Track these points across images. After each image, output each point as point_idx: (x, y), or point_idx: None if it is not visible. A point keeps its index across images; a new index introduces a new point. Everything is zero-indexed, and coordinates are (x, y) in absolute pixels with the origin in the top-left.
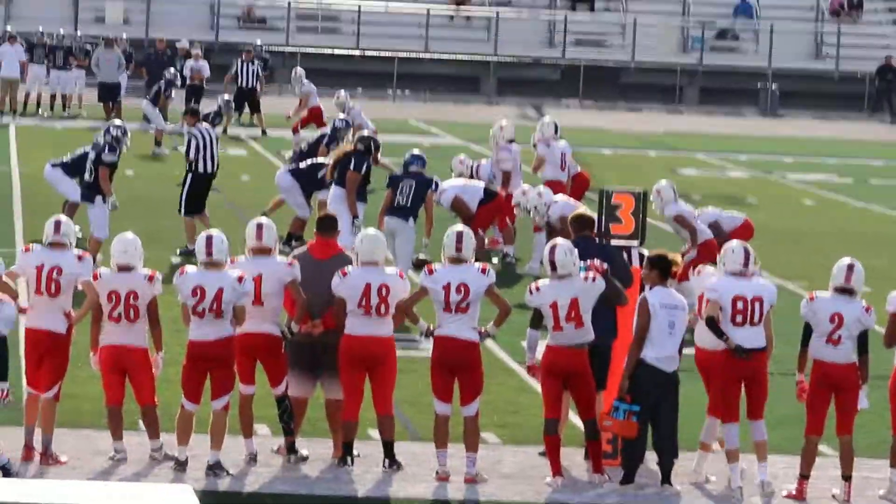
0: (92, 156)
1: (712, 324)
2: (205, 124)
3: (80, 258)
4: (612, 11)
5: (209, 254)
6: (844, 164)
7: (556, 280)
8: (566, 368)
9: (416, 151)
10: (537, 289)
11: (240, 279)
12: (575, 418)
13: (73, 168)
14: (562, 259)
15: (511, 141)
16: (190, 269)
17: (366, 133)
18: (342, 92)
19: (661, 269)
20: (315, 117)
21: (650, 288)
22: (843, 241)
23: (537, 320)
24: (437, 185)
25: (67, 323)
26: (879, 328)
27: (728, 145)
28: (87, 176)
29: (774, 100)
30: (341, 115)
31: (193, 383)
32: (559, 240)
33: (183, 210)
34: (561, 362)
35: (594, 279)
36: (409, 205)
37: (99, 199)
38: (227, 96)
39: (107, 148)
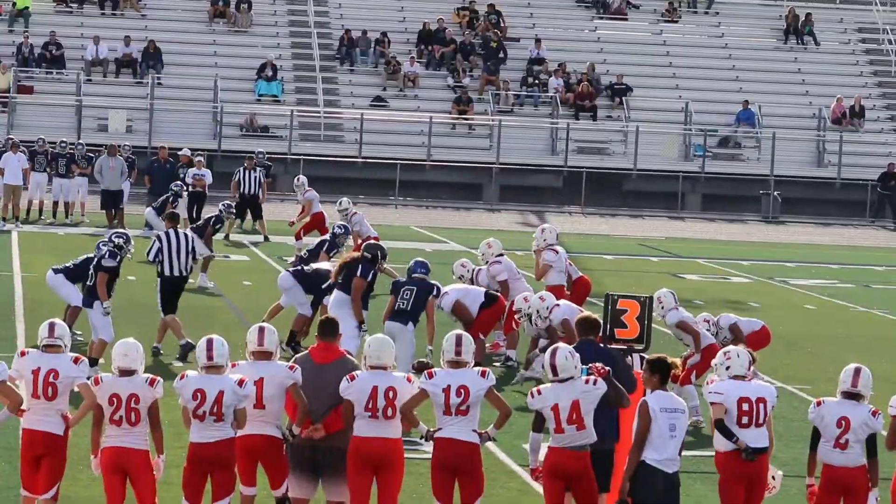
0: (95, 262)
1: (722, 426)
2: (185, 230)
3: (75, 361)
4: (614, 120)
5: (210, 357)
6: (846, 269)
7: (557, 383)
8: (569, 471)
9: (420, 259)
10: (539, 392)
11: (240, 383)
12: None
13: (76, 274)
14: (563, 363)
15: (501, 255)
16: (191, 373)
17: (373, 241)
18: (345, 199)
19: (662, 373)
20: (318, 224)
21: (651, 391)
22: (845, 345)
23: (539, 423)
24: (438, 290)
25: (65, 425)
26: (884, 431)
27: (730, 251)
28: (89, 281)
29: (776, 206)
30: (341, 222)
31: (194, 486)
32: (560, 344)
33: (161, 311)
34: (563, 465)
35: (595, 382)
36: (409, 309)
37: (98, 303)
38: (227, 201)
39: (108, 254)
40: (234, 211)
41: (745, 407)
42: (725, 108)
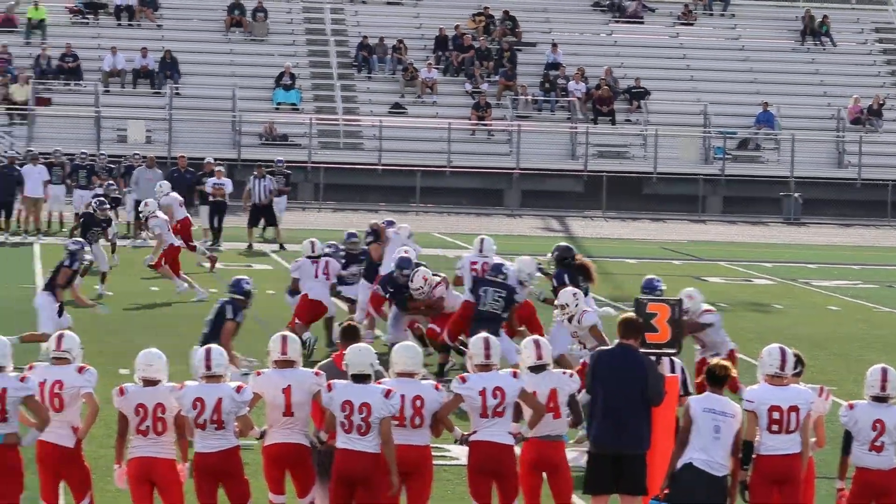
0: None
1: (748, 448)
2: None
3: (80, 370)
4: (632, 123)
5: (208, 367)
6: (868, 270)
7: (533, 373)
8: (546, 462)
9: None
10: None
11: (238, 389)
12: None
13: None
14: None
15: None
16: (190, 383)
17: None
18: (406, 227)
19: (711, 381)
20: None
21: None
22: (869, 345)
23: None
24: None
25: (75, 437)
26: None
27: (752, 254)
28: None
29: (797, 208)
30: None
31: (205, 495)
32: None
33: None
34: (541, 456)
35: (572, 375)
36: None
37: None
38: (99, 189)
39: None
40: (107, 202)
41: (776, 416)
42: (743, 109)
